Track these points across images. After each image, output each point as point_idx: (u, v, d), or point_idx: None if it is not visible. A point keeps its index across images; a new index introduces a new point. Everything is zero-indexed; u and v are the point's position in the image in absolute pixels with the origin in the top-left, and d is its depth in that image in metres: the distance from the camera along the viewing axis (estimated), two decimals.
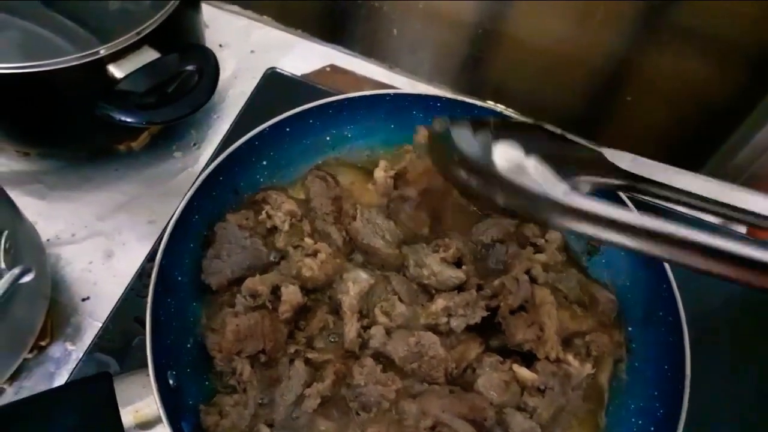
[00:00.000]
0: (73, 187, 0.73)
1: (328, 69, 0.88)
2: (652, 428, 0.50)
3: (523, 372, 0.51)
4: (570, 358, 0.51)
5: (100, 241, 0.70)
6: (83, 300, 0.66)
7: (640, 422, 0.51)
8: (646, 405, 0.52)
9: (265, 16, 0.94)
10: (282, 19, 0.94)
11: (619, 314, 0.55)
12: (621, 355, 0.55)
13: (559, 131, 0.42)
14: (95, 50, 0.62)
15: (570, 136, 0.42)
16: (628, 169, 0.39)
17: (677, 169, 0.39)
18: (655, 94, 0.98)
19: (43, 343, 0.62)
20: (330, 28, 1.02)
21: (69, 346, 0.63)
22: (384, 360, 0.52)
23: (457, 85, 1.02)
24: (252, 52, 0.88)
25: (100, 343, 0.58)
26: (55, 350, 0.62)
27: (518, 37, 0.99)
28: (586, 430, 0.52)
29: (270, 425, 0.49)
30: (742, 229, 0.75)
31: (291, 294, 0.51)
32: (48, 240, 0.69)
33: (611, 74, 1.00)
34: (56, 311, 0.64)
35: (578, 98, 1.04)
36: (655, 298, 0.54)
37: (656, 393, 0.51)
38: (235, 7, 0.93)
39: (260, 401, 0.49)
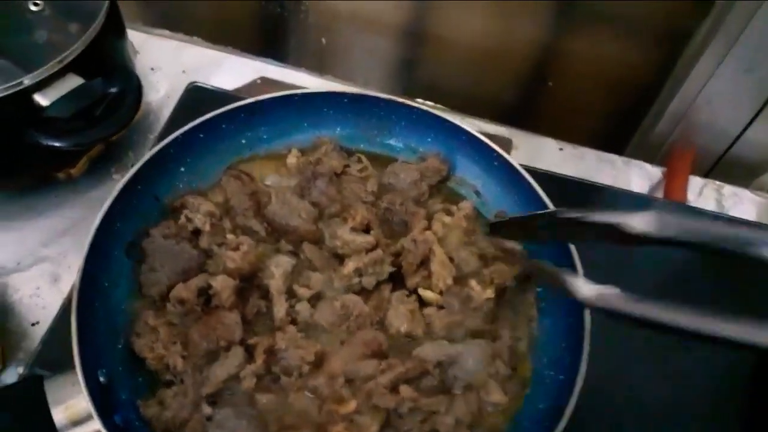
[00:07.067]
0: (15, 217, 0.75)
1: (258, 81, 0.91)
2: (561, 376, 0.53)
3: (428, 293, 0.57)
4: (473, 283, 0.56)
5: (46, 267, 0.72)
6: (33, 325, 0.68)
7: (551, 373, 0.55)
8: (556, 355, 0.55)
9: (195, 37, 0.97)
10: (212, 40, 0.98)
11: (528, 274, 0.59)
12: (533, 315, 0.58)
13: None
14: (19, 80, 0.65)
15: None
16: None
17: None
18: (575, 78, 1.03)
19: None
20: (260, 44, 1.05)
21: (21, 371, 0.64)
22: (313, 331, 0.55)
23: (390, 88, 1.06)
24: (183, 72, 0.91)
25: (40, 358, 0.60)
26: (8, 376, 0.64)
27: (443, 35, 1.04)
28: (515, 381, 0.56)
29: (213, 403, 0.51)
30: None
31: (222, 282, 0.53)
32: None
33: (533, 63, 1.05)
34: (7, 338, 0.66)
35: (505, 89, 1.08)
36: (559, 257, 0.57)
37: (564, 345, 0.55)
38: (165, 32, 0.96)
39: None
